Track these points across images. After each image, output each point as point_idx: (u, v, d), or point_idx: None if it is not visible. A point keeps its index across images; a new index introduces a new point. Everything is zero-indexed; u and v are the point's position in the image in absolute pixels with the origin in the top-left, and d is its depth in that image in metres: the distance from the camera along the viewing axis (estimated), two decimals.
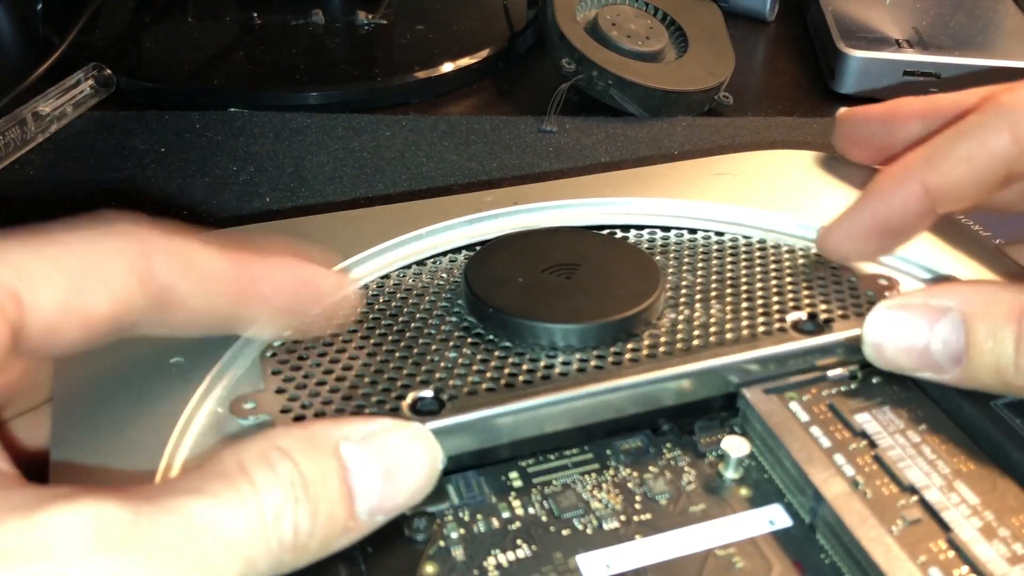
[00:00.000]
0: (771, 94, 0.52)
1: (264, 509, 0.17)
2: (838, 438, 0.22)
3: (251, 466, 0.17)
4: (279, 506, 0.17)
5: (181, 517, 0.16)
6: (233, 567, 0.16)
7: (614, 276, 0.26)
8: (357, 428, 0.19)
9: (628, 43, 0.48)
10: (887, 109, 0.31)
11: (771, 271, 0.28)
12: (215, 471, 0.17)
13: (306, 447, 0.18)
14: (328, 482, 0.18)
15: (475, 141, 0.45)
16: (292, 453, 0.18)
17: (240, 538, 0.16)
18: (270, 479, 0.17)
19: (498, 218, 0.30)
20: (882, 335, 0.23)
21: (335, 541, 0.18)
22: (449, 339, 0.25)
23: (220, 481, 0.17)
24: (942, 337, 0.23)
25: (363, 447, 0.18)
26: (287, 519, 0.17)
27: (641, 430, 0.24)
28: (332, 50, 0.53)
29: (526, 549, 0.21)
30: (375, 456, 0.19)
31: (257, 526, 0.16)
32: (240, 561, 0.16)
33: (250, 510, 0.16)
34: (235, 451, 0.17)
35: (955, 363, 0.23)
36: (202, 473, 0.17)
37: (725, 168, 0.33)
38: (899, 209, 0.26)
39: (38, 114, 0.44)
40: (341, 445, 0.18)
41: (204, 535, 0.16)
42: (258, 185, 0.42)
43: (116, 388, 0.23)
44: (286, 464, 0.17)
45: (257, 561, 0.17)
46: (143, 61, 0.52)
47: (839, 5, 0.55)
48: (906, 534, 0.20)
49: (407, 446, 0.19)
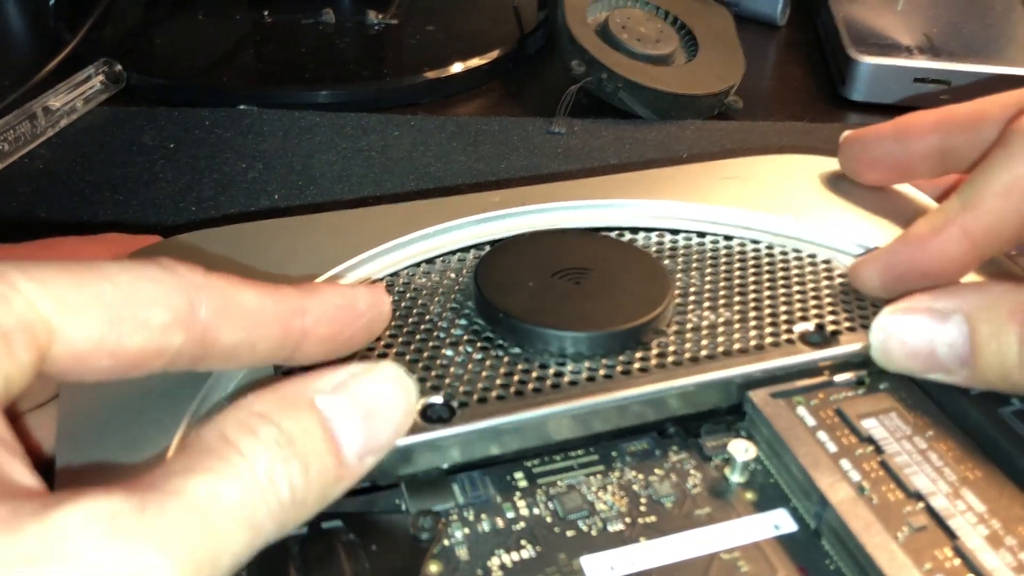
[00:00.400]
0: (781, 99, 0.52)
1: (257, 473, 0.17)
2: (844, 443, 0.22)
3: (233, 436, 0.17)
4: (270, 467, 0.17)
5: (183, 497, 0.16)
6: (240, 534, 0.16)
7: (624, 282, 0.26)
8: (328, 379, 0.19)
9: (638, 46, 0.48)
10: (900, 125, 0.30)
11: (779, 278, 0.28)
12: (200, 448, 0.17)
13: (283, 406, 0.18)
14: (311, 435, 0.18)
15: (483, 142, 0.45)
16: (271, 415, 0.18)
17: (241, 505, 0.16)
18: (255, 444, 0.17)
19: (506, 218, 0.30)
20: (888, 339, 0.24)
21: (331, 490, 0.18)
22: (459, 342, 0.25)
23: (209, 456, 0.17)
24: (947, 339, 0.23)
25: (337, 395, 0.19)
26: (281, 478, 0.17)
27: (647, 433, 0.24)
28: (342, 49, 0.53)
29: (530, 550, 0.21)
30: (350, 401, 0.19)
31: (254, 490, 0.17)
32: (246, 527, 0.17)
33: (244, 476, 0.17)
34: (214, 426, 0.17)
35: (962, 364, 0.23)
36: (189, 453, 0.17)
37: (734, 172, 0.33)
38: (938, 256, 0.25)
39: (48, 109, 0.44)
40: (316, 398, 0.18)
41: (207, 509, 0.16)
42: (266, 183, 0.42)
43: (122, 384, 0.23)
44: (267, 427, 0.17)
45: (262, 525, 0.17)
46: (153, 57, 0.52)
47: (850, 10, 0.55)
48: (911, 541, 0.20)
49: (380, 386, 0.19)
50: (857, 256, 0.28)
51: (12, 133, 0.42)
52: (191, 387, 0.23)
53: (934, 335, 0.23)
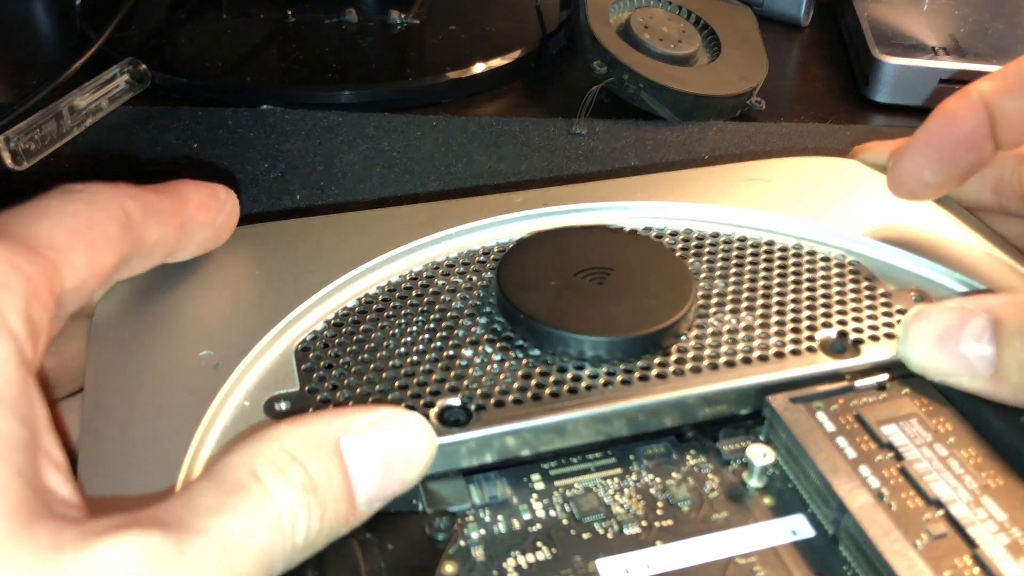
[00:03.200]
0: (804, 100, 0.52)
1: (281, 515, 0.17)
2: (864, 449, 0.22)
3: (263, 474, 0.18)
4: (293, 512, 0.18)
5: (215, 538, 0.16)
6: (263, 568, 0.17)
7: (647, 283, 0.26)
8: (356, 420, 0.20)
9: (660, 46, 0.48)
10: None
11: (803, 281, 0.27)
12: (230, 481, 0.18)
13: (310, 447, 0.19)
14: (333, 481, 0.18)
15: (505, 143, 0.45)
16: (299, 456, 0.18)
17: (263, 545, 0.17)
18: (283, 486, 0.18)
19: (528, 219, 0.30)
20: (915, 329, 0.24)
21: (337, 533, 0.19)
22: (479, 342, 0.25)
23: (240, 494, 0.17)
24: (974, 335, 0.23)
25: (362, 442, 0.19)
26: (300, 523, 0.18)
27: (665, 436, 0.24)
28: (364, 49, 0.53)
29: (546, 551, 0.21)
30: (374, 450, 0.19)
31: (276, 532, 0.17)
32: (263, 566, 0.17)
33: (270, 518, 0.17)
34: (245, 458, 0.18)
35: (987, 364, 0.22)
36: (218, 485, 0.18)
37: (758, 174, 0.33)
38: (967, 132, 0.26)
39: (74, 108, 0.45)
40: (341, 441, 0.19)
41: (235, 550, 0.17)
42: (288, 182, 0.42)
43: (145, 379, 0.23)
44: (295, 468, 0.18)
45: (275, 564, 0.17)
46: (178, 57, 0.53)
47: (875, 11, 0.55)
48: (930, 549, 0.20)
49: (403, 437, 0.20)
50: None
51: (39, 132, 0.43)
52: (213, 384, 0.23)
53: (961, 329, 0.23)
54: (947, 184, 0.28)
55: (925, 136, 0.27)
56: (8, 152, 0.41)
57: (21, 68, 0.54)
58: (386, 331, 0.25)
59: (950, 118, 0.27)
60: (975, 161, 0.27)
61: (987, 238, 0.29)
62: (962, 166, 0.27)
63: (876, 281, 0.27)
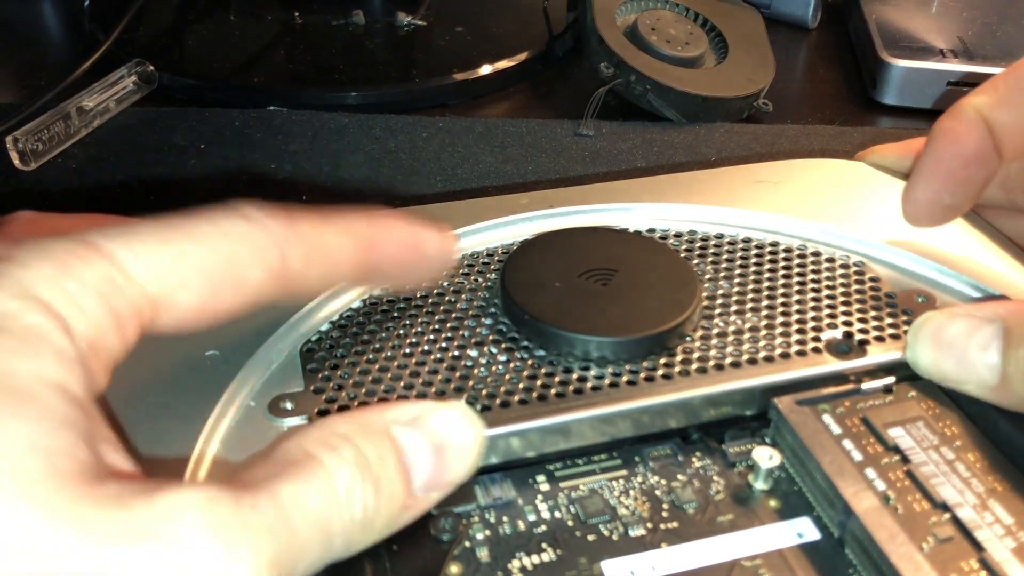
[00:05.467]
0: (811, 102, 0.52)
1: (337, 487, 0.18)
2: (870, 452, 0.22)
3: (316, 450, 0.18)
4: (349, 485, 0.18)
5: (274, 498, 0.17)
6: (317, 544, 0.17)
7: (651, 284, 0.26)
8: (404, 411, 0.20)
9: (667, 48, 0.48)
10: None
11: (809, 283, 0.27)
12: (283, 459, 0.18)
13: (362, 431, 0.19)
14: (386, 462, 0.19)
15: (511, 144, 0.45)
16: (351, 437, 0.18)
17: (321, 515, 0.17)
18: (337, 460, 0.18)
19: (534, 220, 0.30)
20: (923, 333, 0.24)
21: (397, 519, 0.19)
22: (484, 343, 0.25)
23: (293, 466, 0.17)
24: (981, 342, 0.23)
25: (412, 428, 0.19)
26: (357, 496, 0.18)
27: (670, 438, 0.24)
28: (371, 50, 0.53)
29: (551, 553, 0.21)
30: (424, 435, 0.19)
31: (333, 503, 0.17)
32: (322, 536, 0.17)
33: (325, 488, 0.17)
34: (297, 440, 0.18)
35: (994, 373, 0.22)
36: (272, 461, 0.18)
37: (765, 176, 0.32)
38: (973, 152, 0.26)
39: (82, 109, 0.45)
40: (392, 428, 0.19)
41: (294, 514, 0.17)
42: (295, 183, 0.42)
43: (152, 379, 0.23)
44: (348, 447, 0.18)
45: (334, 538, 0.17)
46: (185, 58, 0.53)
47: (882, 13, 0.54)
48: (937, 552, 0.20)
49: (451, 425, 0.20)
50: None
51: (46, 133, 0.43)
52: (219, 384, 0.23)
53: (969, 334, 0.23)
54: (966, 203, 0.27)
55: (934, 162, 0.27)
56: (16, 152, 0.41)
57: (29, 69, 0.54)
58: (391, 332, 0.25)
59: (954, 138, 0.26)
60: (987, 175, 0.27)
61: (994, 240, 0.29)
62: (977, 182, 0.27)
63: (881, 282, 0.27)
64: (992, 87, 0.27)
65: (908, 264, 0.28)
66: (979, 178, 0.27)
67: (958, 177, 0.27)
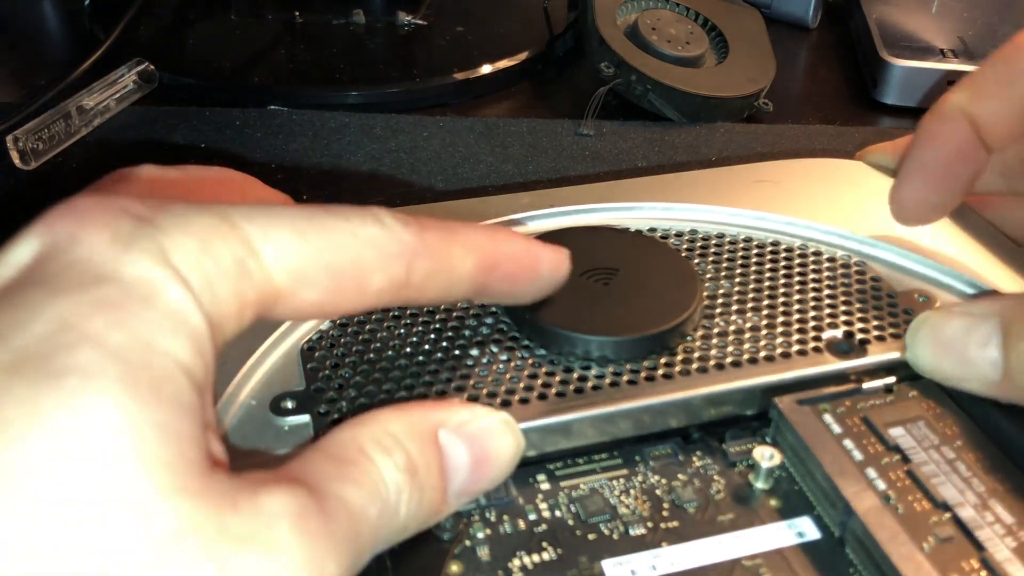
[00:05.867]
0: (812, 102, 0.52)
1: (390, 494, 0.18)
2: (871, 452, 0.22)
3: (372, 451, 0.18)
4: (399, 491, 0.18)
5: (344, 504, 0.17)
6: (372, 545, 0.17)
7: (652, 284, 0.26)
8: (453, 414, 0.20)
9: (668, 48, 0.48)
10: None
11: (810, 282, 0.27)
12: (341, 456, 0.18)
13: (413, 434, 0.19)
14: (431, 469, 0.19)
15: (512, 143, 0.45)
16: (402, 440, 0.18)
17: (378, 520, 0.17)
18: (390, 465, 0.18)
19: (534, 220, 0.30)
20: (922, 333, 0.24)
21: (428, 522, 0.19)
22: (485, 342, 0.25)
23: (352, 467, 0.18)
24: (980, 339, 0.23)
25: (457, 436, 0.19)
26: (403, 503, 0.18)
27: (671, 437, 0.24)
28: (372, 50, 0.53)
29: (551, 552, 0.21)
30: (468, 444, 0.20)
31: (386, 511, 0.18)
32: (374, 543, 0.18)
33: (382, 495, 0.18)
34: (351, 434, 0.18)
35: (993, 367, 0.22)
36: (330, 457, 0.18)
37: (766, 176, 0.33)
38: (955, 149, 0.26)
39: (82, 108, 0.45)
40: (440, 432, 0.19)
41: (361, 524, 0.17)
42: (296, 183, 0.42)
43: None
44: (400, 451, 0.18)
45: (380, 542, 0.18)
46: (186, 57, 0.53)
47: (883, 13, 0.54)
48: (938, 551, 0.20)
49: (496, 435, 0.20)
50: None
51: (47, 132, 0.43)
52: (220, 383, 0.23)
53: (968, 332, 0.23)
54: (953, 200, 0.27)
55: (917, 163, 0.27)
56: (16, 151, 0.41)
57: (30, 68, 0.54)
58: (392, 330, 0.25)
59: (935, 136, 0.27)
60: (974, 169, 0.27)
61: (992, 238, 0.29)
62: (962, 178, 0.27)
63: (882, 282, 0.27)
64: (971, 81, 0.27)
65: (908, 263, 0.28)
66: (964, 174, 0.27)
67: (941, 176, 0.27)
